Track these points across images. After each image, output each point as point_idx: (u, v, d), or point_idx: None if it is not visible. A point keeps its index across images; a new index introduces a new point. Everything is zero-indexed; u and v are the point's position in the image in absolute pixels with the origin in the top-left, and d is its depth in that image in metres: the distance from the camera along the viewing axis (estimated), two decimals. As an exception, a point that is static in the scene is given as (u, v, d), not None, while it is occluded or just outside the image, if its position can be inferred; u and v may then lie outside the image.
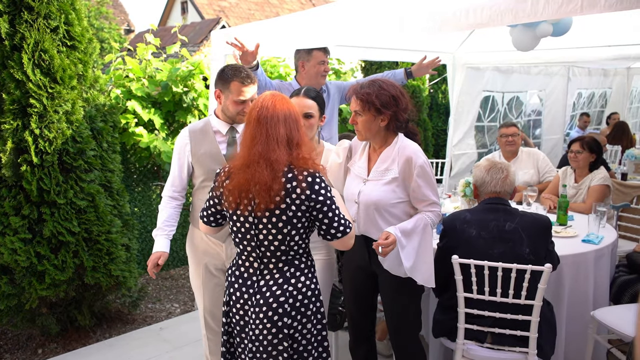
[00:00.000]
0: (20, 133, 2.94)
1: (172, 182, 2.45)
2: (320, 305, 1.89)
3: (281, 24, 3.31)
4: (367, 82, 2.19)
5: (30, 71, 2.89)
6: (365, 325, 2.44)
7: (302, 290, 1.81)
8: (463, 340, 2.29)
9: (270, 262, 1.83)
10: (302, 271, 1.84)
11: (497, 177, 2.43)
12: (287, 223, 1.77)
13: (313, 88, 2.42)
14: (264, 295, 1.80)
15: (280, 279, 1.81)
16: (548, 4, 1.78)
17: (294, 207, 1.76)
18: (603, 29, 3.92)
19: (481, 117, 5.77)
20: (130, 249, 3.54)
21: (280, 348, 1.78)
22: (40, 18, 2.93)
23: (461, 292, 2.24)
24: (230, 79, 2.28)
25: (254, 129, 1.78)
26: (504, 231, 2.28)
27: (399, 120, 2.16)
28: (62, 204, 3.03)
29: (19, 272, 3.04)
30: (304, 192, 1.75)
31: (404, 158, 2.14)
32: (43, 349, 3.30)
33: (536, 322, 2.16)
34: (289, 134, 1.78)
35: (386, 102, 2.10)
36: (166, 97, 4.32)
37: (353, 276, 2.38)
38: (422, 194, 2.14)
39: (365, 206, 2.19)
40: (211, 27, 10.88)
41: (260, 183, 1.71)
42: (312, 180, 1.77)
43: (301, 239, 1.82)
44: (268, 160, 1.72)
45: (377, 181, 2.19)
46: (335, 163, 2.33)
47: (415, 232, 2.12)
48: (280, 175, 1.74)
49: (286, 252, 1.81)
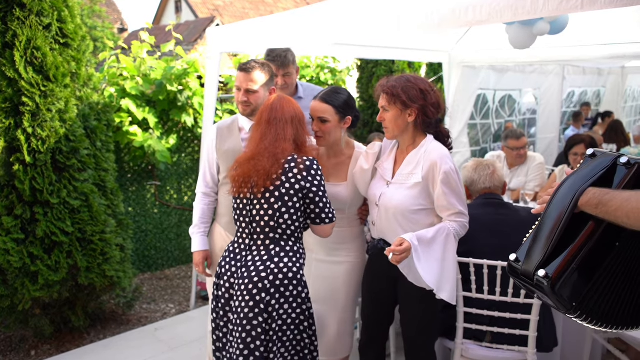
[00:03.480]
0: (13, 132, 2.90)
1: (203, 178, 2.46)
2: (301, 291, 1.96)
3: (276, 22, 3.27)
4: (395, 76, 2.11)
5: (23, 69, 2.85)
6: (379, 329, 2.35)
7: (284, 270, 1.92)
8: (462, 340, 2.28)
9: (259, 238, 1.97)
10: (287, 253, 1.96)
11: (485, 174, 2.44)
12: (278, 199, 1.92)
13: (338, 89, 2.31)
14: (249, 269, 1.93)
15: (265, 256, 1.94)
16: (548, 1, 1.77)
17: (287, 185, 1.92)
18: (598, 27, 3.91)
19: (474, 115, 5.77)
20: (125, 249, 3.51)
21: (254, 323, 1.88)
22: (33, 15, 2.89)
23: (460, 291, 2.22)
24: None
25: (264, 129, 1.97)
26: (501, 224, 2.27)
27: (428, 116, 2.05)
28: (55, 204, 2.99)
29: (12, 272, 3.00)
30: (301, 172, 1.93)
31: (429, 162, 2.02)
32: (36, 351, 3.26)
33: (535, 320, 2.15)
34: (296, 133, 1.99)
35: (413, 95, 2.01)
36: (161, 96, 4.28)
37: (372, 279, 2.28)
38: (448, 202, 2.01)
39: (385, 210, 2.10)
40: (205, 26, 10.83)
41: (259, 171, 1.91)
42: (310, 164, 1.96)
43: (290, 220, 1.95)
44: (273, 152, 1.92)
45: (400, 185, 2.09)
46: (362, 169, 2.22)
47: (436, 242, 1.98)
48: (282, 161, 1.93)
49: (274, 229, 1.95)
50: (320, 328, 2.31)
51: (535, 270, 1.22)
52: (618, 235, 1.20)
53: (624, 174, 1.19)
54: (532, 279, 1.23)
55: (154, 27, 10.71)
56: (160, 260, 4.74)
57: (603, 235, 1.20)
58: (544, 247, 1.22)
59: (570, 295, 1.19)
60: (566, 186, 1.25)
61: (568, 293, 1.18)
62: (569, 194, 1.22)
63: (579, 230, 1.20)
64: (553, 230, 1.22)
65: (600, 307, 1.21)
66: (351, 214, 2.31)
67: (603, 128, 7.42)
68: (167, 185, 4.72)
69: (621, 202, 1.12)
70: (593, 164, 1.25)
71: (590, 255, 1.20)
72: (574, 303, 1.19)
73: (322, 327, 2.33)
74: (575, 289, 1.19)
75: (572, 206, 1.20)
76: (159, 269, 4.74)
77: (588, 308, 1.21)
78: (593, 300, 1.21)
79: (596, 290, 1.21)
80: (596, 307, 1.21)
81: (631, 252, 1.22)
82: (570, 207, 1.20)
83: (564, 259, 1.19)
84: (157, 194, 4.63)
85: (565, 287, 1.18)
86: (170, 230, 4.76)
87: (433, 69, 6.45)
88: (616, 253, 1.21)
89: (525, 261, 1.27)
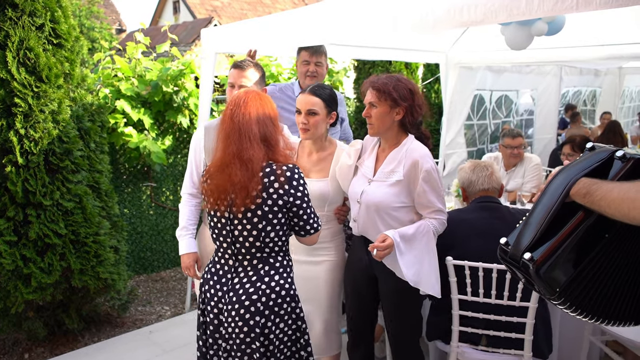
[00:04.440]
0: (5, 133, 2.87)
1: (189, 178, 2.44)
2: (295, 307, 1.86)
3: (272, 23, 3.26)
4: (384, 74, 2.14)
5: (15, 70, 2.83)
6: (365, 328, 2.38)
7: (276, 289, 1.79)
8: (457, 343, 2.26)
9: (245, 259, 1.82)
10: (277, 270, 1.82)
11: (483, 175, 2.42)
12: (262, 218, 1.75)
13: (323, 85, 2.35)
14: (237, 293, 1.78)
15: (254, 276, 1.80)
16: (543, 2, 1.75)
17: (270, 202, 1.75)
18: (596, 28, 3.91)
19: (470, 115, 5.77)
20: (119, 251, 3.48)
21: (253, 347, 1.76)
22: (25, 15, 2.87)
23: (455, 294, 2.21)
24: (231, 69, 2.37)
25: (228, 126, 1.78)
26: (497, 229, 2.25)
27: (414, 116, 2.10)
28: (48, 206, 2.97)
29: (4, 275, 2.97)
30: (283, 186, 1.75)
31: (410, 161, 2.07)
32: (30, 354, 3.24)
33: (531, 324, 2.13)
34: (264, 131, 1.77)
35: (404, 94, 2.06)
36: (156, 97, 4.26)
37: (354, 278, 2.32)
38: (427, 200, 2.08)
39: (366, 207, 2.14)
40: (203, 27, 10.82)
41: (237, 184, 1.71)
42: (292, 175, 1.77)
43: (277, 236, 1.80)
44: (242, 159, 1.72)
45: (382, 182, 2.14)
46: (346, 165, 2.25)
47: (416, 239, 2.05)
48: (258, 173, 1.73)
49: (261, 248, 1.79)
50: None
51: (522, 254, 1.25)
52: (608, 228, 1.23)
53: (619, 167, 1.22)
54: (519, 262, 1.27)
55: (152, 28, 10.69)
56: (155, 262, 4.71)
57: (594, 226, 1.23)
58: (532, 232, 1.26)
59: (554, 280, 1.22)
60: (561, 176, 1.28)
61: (552, 278, 1.22)
62: (563, 183, 1.25)
63: (569, 219, 1.24)
64: (544, 217, 1.26)
65: (586, 298, 1.24)
66: (330, 211, 2.32)
67: (601, 129, 7.42)
68: (162, 187, 4.70)
69: (605, 191, 1.15)
70: (591, 156, 1.29)
71: (578, 244, 1.23)
72: (557, 289, 1.22)
73: (308, 325, 2.33)
74: (560, 276, 1.22)
75: (564, 194, 1.23)
76: (154, 271, 4.71)
77: (572, 296, 1.24)
78: (578, 290, 1.23)
79: (582, 280, 1.23)
80: (581, 297, 1.24)
81: (621, 245, 1.24)
82: (562, 195, 1.24)
83: (551, 244, 1.23)
84: (152, 196, 4.61)
85: (550, 272, 1.22)
86: (166, 231, 4.73)
87: (430, 69, 6.43)
88: (604, 245, 1.23)
89: (514, 245, 1.31)
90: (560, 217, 1.24)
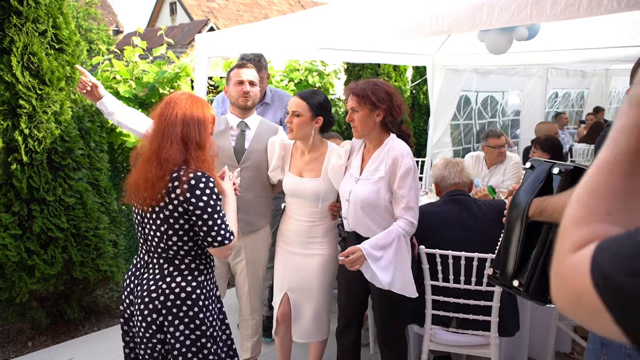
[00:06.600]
0: (11, 133, 3.05)
1: None
2: (199, 312, 1.83)
3: (265, 28, 3.44)
4: (362, 80, 2.30)
5: (20, 73, 3.01)
6: (354, 316, 2.53)
7: (175, 290, 1.80)
8: (430, 325, 2.45)
9: (154, 256, 1.86)
10: (181, 272, 1.83)
11: (454, 171, 2.61)
12: (164, 222, 1.77)
13: (316, 91, 2.48)
14: (143, 288, 1.84)
15: (158, 275, 1.84)
16: (501, 14, 1.95)
17: (171, 207, 1.75)
18: (581, 32, 4.03)
19: (457, 115, 5.95)
20: (118, 245, 3.66)
21: (154, 341, 1.83)
22: (29, 22, 3.04)
23: (428, 280, 2.39)
24: (230, 71, 2.56)
25: (156, 123, 1.81)
26: (466, 219, 2.45)
27: (394, 116, 2.25)
28: (51, 201, 3.15)
29: (10, 267, 3.15)
30: (184, 194, 1.73)
31: (392, 158, 2.21)
32: (33, 342, 3.41)
33: (497, 307, 2.32)
34: (186, 133, 1.77)
35: (381, 97, 2.20)
36: (153, 99, 4.43)
37: (346, 270, 2.41)
38: (401, 195, 2.20)
39: (354, 204, 2.28)
40: (200, 29, 10.96)
41: (149, 181, 1.74)
42: (196, 183, 1.74)
43: (181, 241, 1.80)
44: (159, 158, 1.74)
45: (367, 180, 2.27)
46: (337, 165, 2.39)
47: (389, 246, 2.18)
48: (168, 174, 1.74)
49: (165, 250, 1.82)
50: (295, 312, 2.50)
51: (511, 281, 1.44)
52: None
53: (559, 181, 1.41)
54: (510, 287, 1.46)
55: (148, 30, 10.84)
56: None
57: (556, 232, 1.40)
58: (512, 260, 1.45)
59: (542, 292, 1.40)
60: (517, 200, 1.46)
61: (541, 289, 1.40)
62: (520, 209, 1.43)
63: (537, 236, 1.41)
64: (516, 244, 1.43)
65: None
66: (324, 208, 2.48)
67: (586, 129, 7.61)
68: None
69: (554, 204, 1.34)
70: (533, 175, 1.47)
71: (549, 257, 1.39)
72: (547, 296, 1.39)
73: (297, 312, 2.51)
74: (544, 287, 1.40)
75: (525, 219, 1.41)
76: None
77: None
78: None
79: None
80: None
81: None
82: (523, 220, 1.41)
83: (530, 266, 1.40)
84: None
85: (537, 287, 1.39)
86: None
87: (419, 71, 6.62)
88: None
89: (501, 273, 1.49)
90: (530, 236, 1.41)
